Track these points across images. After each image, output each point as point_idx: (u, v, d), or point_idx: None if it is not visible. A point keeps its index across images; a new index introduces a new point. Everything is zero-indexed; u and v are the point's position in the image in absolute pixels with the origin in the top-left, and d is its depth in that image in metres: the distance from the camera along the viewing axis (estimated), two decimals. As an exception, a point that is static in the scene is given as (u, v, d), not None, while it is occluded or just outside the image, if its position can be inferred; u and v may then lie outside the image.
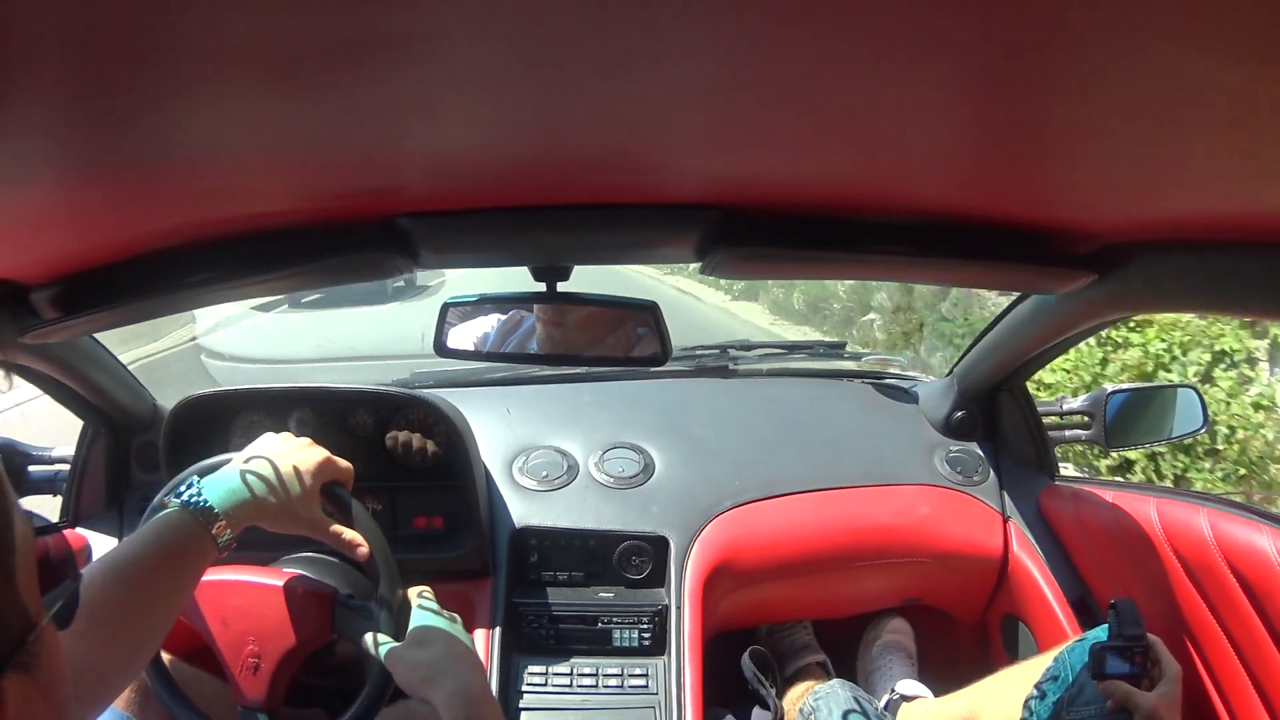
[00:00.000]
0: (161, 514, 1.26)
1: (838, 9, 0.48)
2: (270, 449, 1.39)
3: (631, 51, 0.56)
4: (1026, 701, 1.68)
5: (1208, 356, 5.97)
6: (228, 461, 1.40)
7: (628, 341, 1.39)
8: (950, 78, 0.61)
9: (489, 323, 1.47)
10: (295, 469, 1.36)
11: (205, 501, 1.27)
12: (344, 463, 1.44)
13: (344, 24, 0.49)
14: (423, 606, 1.41)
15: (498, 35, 0.53)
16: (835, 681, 2.03)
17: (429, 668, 1.30)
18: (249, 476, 1.33)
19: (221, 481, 1.31)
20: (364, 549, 1.40)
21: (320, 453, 1.41)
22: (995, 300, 7.79)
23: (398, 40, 0.52)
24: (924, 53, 0.55)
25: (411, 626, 1.37)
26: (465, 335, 1.46)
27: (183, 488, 1.30)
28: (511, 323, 1.46)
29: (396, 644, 1.35)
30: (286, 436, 1.42)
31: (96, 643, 1.06)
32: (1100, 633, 1.58)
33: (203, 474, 1.40)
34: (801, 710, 2.02)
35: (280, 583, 1.45)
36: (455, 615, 1.42)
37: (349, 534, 1.40)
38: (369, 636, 1.37)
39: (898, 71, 0.59)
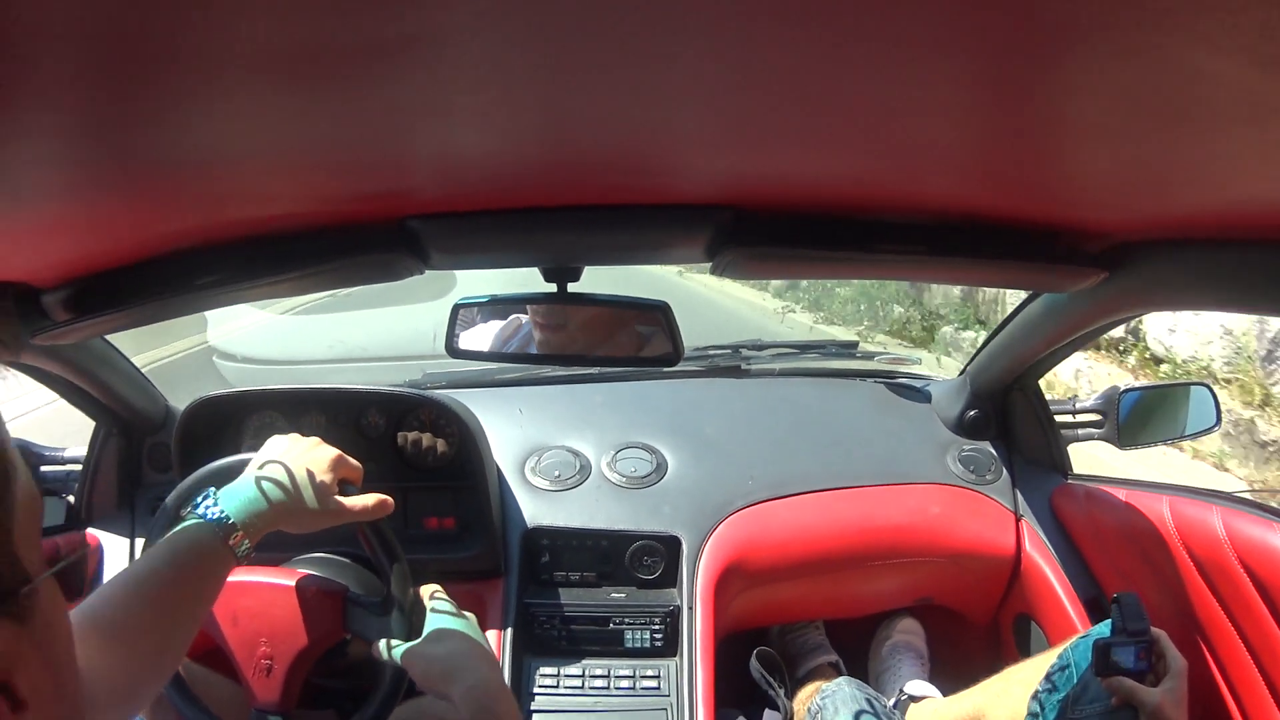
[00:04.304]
0: (179, 527, 1.25)
1: (849, 9, 0.48)
2: (281, 453, 1.37)
3: (642, 52, 0.56)
4: (1035, 694, 1.67)
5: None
6: (239, 462, 1.40)
7: (634, 341, 1.39)
8: (962, 77, 0.61)
9: (498, 324, 1.47)
10: (309, 470, 1.34)
11: (222, 513, 1.25)
12: (354, 462, 1.42)
13: (355, 26, 0.49)
14: (437, 607, 1.41)
15: (507, 37, 0.53)
16: (842, 679, 2.03)
17: (447, 663, 1.30)
18: (264, 484, 1.31)
19: (238, 492, 1.30)
20: (388, 501, 1.40)
21: (331, 451, 1.40)
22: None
23: (408, 43, 0.52)
24: (936, 52, 0.55)
25: (428, 625, 1.37)
26: (477, 336, 1.46)
27: (199, 499, 1.29)
28: (511, 328, 1.46)
29: (408, 645, 1.35)
30: (295, 438, 1.41)
31: (116, 658, 1.06)
32: (1106, 627, 1.58)
33: (215, 476, 1.40)
34: (809, 709, 2.01)
35: (290, 583, 1.45)
36: (471, 615, 1.43)
37: (367, 498, 1.39)
38: (381, 643, 1.37)
39: (909, 71, 0.59)
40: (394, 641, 1.37)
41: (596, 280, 1.38)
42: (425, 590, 1.45)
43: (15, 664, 0.59)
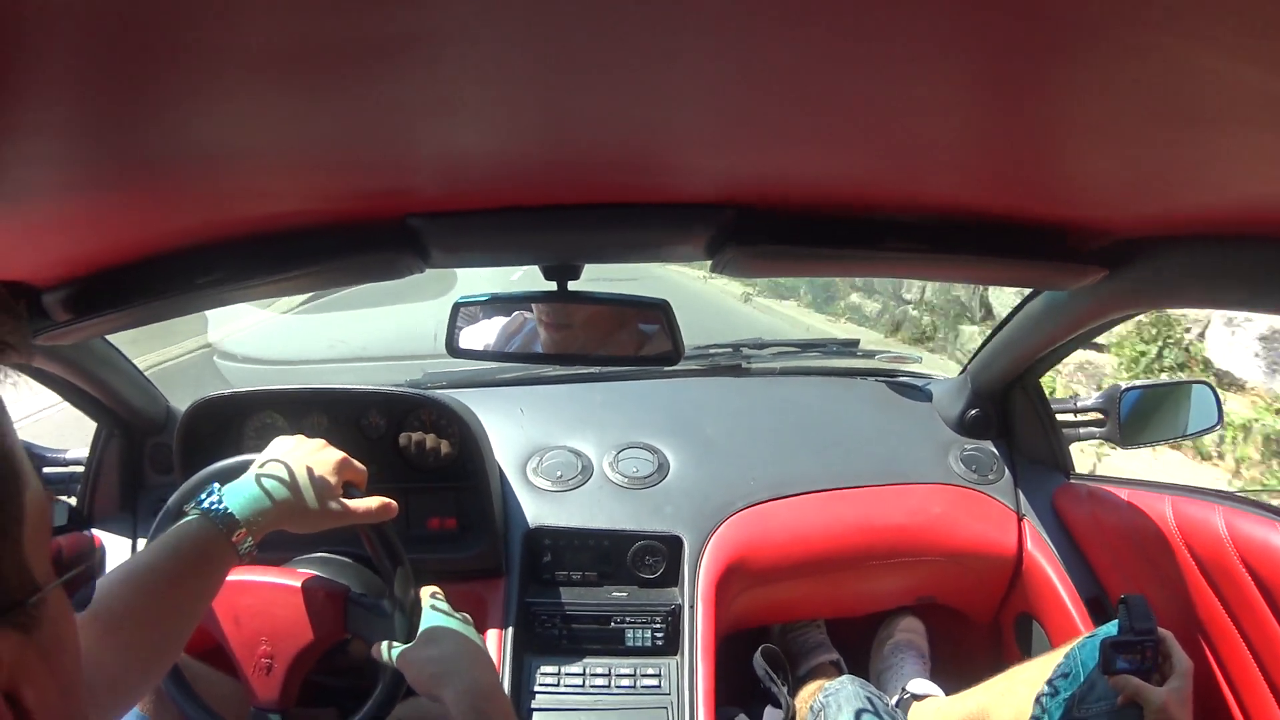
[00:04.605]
0: (182, 522, 1.25)
1: (850, 7, 0.48)
2: (287, 452, 1.37)
3: (644, 50, 0.56)
4: (1038, 698, 1.67)
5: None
6: (243, 462, 1.40)
7: (635, 340, 1.39)
8: (964, 76, 0.61)
9: (500, 323, 1.46)
10: (313, 471, 1.34)
11: (226, 509, 1.25)
12: (359, 464, 1.42)
13: (356, 25, 0.49)
14: (434, 607, 1.41)
15: (509, 35, 0.52)
16: (845, 678, 2.03)
17: (439, 665, 1.30)
18: (268, 482, 1.31)
19: (242, 489, 1.29)
20: (392, 505, 1.39)
21: (336, 454, 1.39)
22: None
23: (410, 41, 0.52)
24: (938, 51, 0.55)
25: (422, 627, 1.37)
26: (477, 335, 1.46)
27: (203, 495, 1.28)
28: (515, 324, 1.45)
29: (403, 647, 1.35)
30: (300, 439, 1.41)
31: (115, 649, 1.06)
32: (1112, 628, 1.58)
33: (219, 476, 1.39)
34: (812, 707, 2.01)
35: (292, 582, 1.45)
36: (467, 616, 1.42)
37: (370, 501, 1.38)
38: (383, 645, 1.37)
39: (911, 70, 0.59)
40: (394, 644, 1.37)
41: (598, 281, 1.38)
42: (425, 591, 1.45)
43: (21, 675, 0.59)
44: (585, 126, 0.78)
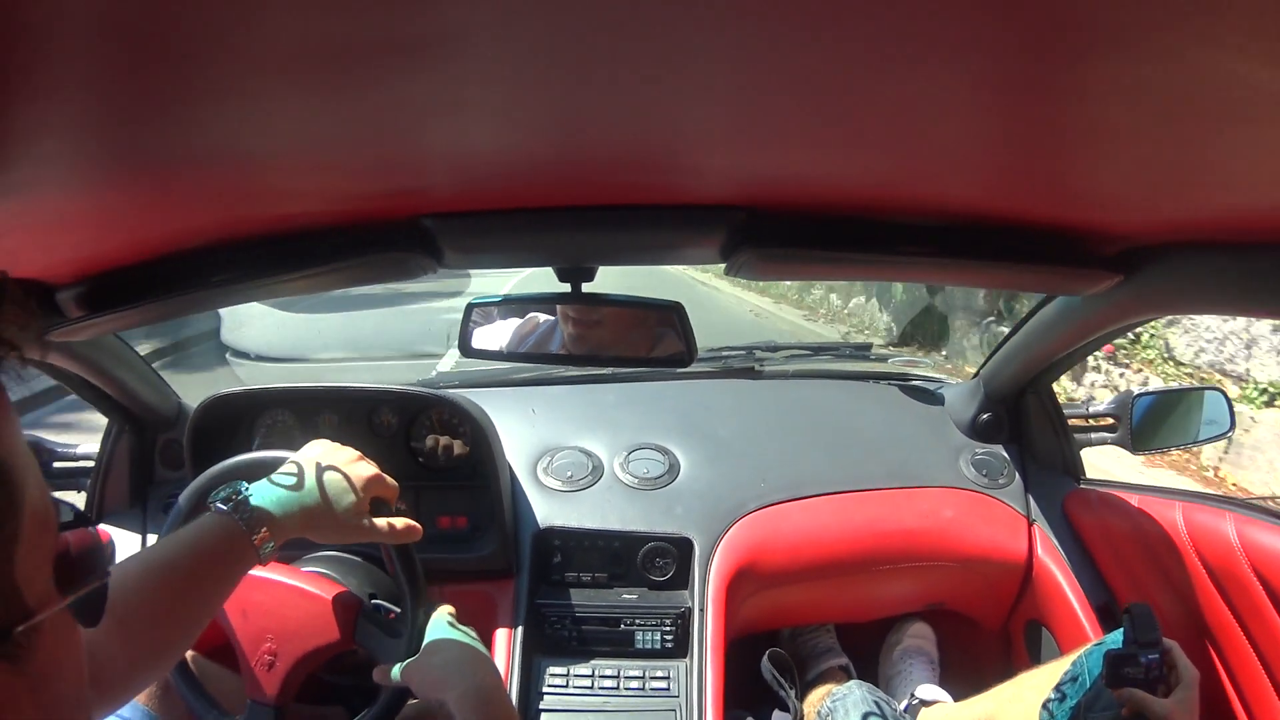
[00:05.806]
0: (204, 516, 1.23)
1: (866, 10, 0.48)
2: (317, 458, 1.35)
3: (657, 52, 0.56)
4: (1045, 703, 1.67)
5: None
6: (275, 459, 1.39)
7: (648, 341, 1.39)
8: (978, 79, 0.60)
9: (513, 324, 1.46)
10: (345, 483, 1.32)
11: (250, 509, 1.23)
12: (391, 480, 1.39)
13: (372, 25, 0.49)
14: (440, 620, 1.40)
15: (523, 36, 0.52)
16: (853, 683, 2.03)
17: (441, 670, 1.30)
18: (298, 487, 1.29)
19: (269, 490, 1.28)
20: (417, 528, 1.37)
21: (370, 468, 1.37)
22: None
23: (424, 41, 0.52)
24: (953, 54, 0.55)
25: (427, 638, 1.37)
26: (490, 336, 1.46)
27: (229, 490, 1.27)
28: (528, 325, 1.45)
29: (407, 662, 1.35)
30: (336, 446, 1.39)
31: (122, 640, 1.05)
32: (1119, 636, 1.57)
33: (246, 469, 1.39)
34: (820, 712, 2.01)
35: (307, 586, 1.45)
36: (470, 628, 1.42)
37: (397, 521, 1.36)
38: (395, 669, 1.36)
39: (925, 73, 0.59)
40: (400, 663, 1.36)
41: (609, 282, 1.38)
42: (441, 610, 1.44)
43: (2, 709, 0.55)
44: (598, 127, 0.78)
